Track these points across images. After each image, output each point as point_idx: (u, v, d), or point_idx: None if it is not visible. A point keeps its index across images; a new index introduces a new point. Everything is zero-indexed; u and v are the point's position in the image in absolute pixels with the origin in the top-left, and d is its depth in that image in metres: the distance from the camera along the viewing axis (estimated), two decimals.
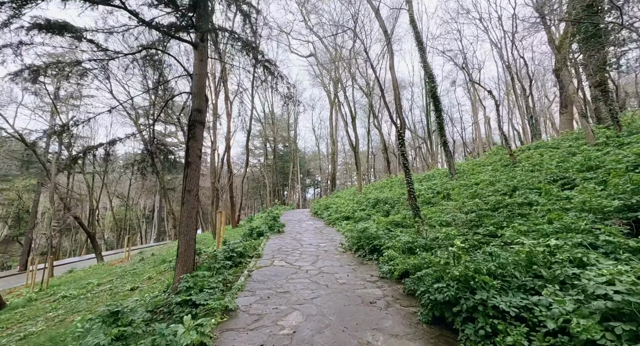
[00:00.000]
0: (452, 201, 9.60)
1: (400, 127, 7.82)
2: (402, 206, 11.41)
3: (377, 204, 13.11)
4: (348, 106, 19.25)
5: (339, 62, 21.47)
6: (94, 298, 8.47)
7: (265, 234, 10.72)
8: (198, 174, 6.07)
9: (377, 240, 7.26)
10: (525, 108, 27.60)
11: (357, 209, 13.41)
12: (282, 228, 12.02)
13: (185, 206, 5.84)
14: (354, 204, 14.87)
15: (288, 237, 10.50)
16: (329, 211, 15.38)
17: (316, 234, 10.94)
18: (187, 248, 5.66)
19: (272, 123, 35.25)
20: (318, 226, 13.40)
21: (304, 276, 5.68)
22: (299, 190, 49.10)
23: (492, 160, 13.84)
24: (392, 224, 9.43)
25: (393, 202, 12.41)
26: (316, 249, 8.35)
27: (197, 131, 6.08)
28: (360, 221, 11.80)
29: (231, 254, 6.85)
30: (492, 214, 6.80)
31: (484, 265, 3.46)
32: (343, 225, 12.05)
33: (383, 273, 5.62)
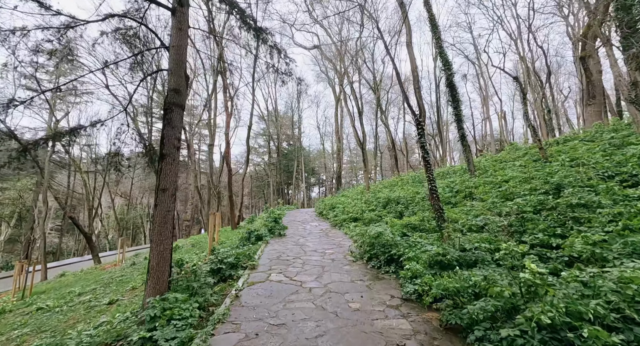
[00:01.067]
0: (477, 201, 8.31)
1: (419, 115, 6.55)
2: (418, 207, 10.14)
3: (388, 204, 11.85)
4: (355, 99, 17.97)
5: (344, 54, 20.17)
6: (69, 312, 7.37)
7: (264, 238, 9.53)
8: (176, 169, 4.89)
9: (395, 248, 6.02)
10: (541, 102, 26.01)
11: (366, 210, 12.16)
12: (284, 231, 10.83)
13: (158, 208, 4.67)
14: (362, 204, 13.62)
15: (290, 242, 9.30)
16: (335, 212, 14.16)
17: (321, 238, 9.73)
18: (161, 261, 4.49)
19: (275, 120, 34.06)
20: (323, 228, 12.19)
21: (306, 297, 4.46)
22: (304, 189, 47.94)
23: (515, 155, 12.47)
24: (408, 227, 8.19)
25: (406, 202, 11.14)
26: (321, 257, 7.13)
27: (175, 115, 4.89)
28: (371, 224, 10.57)
29: (219, 265, 5.66)
30: (536, 218, 5.52)
31: (583, 306, 2.20)
32: (351, 228, 10.82)
33: (407, 294, 4.39)
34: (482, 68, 30.85)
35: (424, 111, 9.24)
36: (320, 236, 10.18)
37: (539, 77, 22.73)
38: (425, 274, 4.52)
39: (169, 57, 5.00)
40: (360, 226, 10.76)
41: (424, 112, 9.26)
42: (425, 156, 6.91)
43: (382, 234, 6.62)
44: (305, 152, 51.68)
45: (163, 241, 4.56)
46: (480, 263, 4.50)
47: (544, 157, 9.72)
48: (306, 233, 11.12)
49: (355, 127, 16.52)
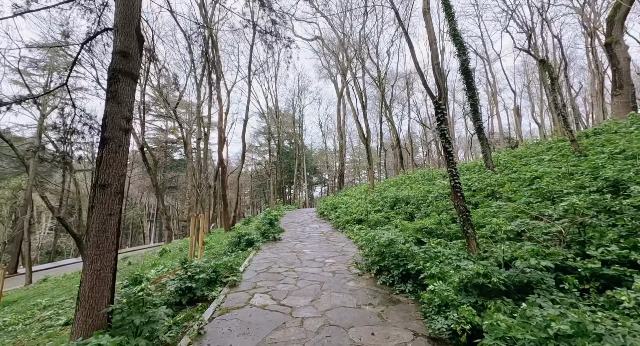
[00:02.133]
0: (504, 201, 7.00)
1: (439, 97, 5.29)
2: (432, 207, 8.83)
3: (396, 205, 10.56)
4: (358, 93, 16.67)
5: (347, 46, 18.85)
6: (20, 333, 6.18)
7: (256, 243, 8.28)
8: (123, 159, 3.63)
9: (412, 261, 4.75)
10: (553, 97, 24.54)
11: (372, 211, 10.88)
12: (280, 235, 9.56)
13: (95, 211, 3.42)
14: (367, 204, 12.33)
15: (285, 248, 8.04)
16: (337, 212, 12.88)
17: (321, 244, 8.45)
18: (97, 285, 3.24)
19: (276, 117, 32.80)
20: (324, 231, 10.92)
21: (296, 335, 3.20)
22: (305, 188, 46.70)
23: (538, 150, 11.12)
24: (422, 232, 6.91)
25: (417, 202, 9.83)
26: (320, 269, 5.86)
27: (122, 87, 3.64)
28: (377, 226, 9.29)
29: (188, 283, 4.40)
30: (598, 224, 4.23)
31: None
32: (355, 230, 9.55)
33: (436, 332, 3.11)
34: (490, 63, 29.42)
35: (445, 92, 7.94)
36: (320, 241, 8.91)
37: (551, 71, 21.23)
38: (461, 302, 3.24)
39: (115, 10, 3.74)
40: (365, 229, 9.49)
41: (445, 93, 7.95)
42: (447, 147, 5.61)
43: (394, 242, 5.34)
44: (307, 151, 50.45)
45: (101, 256, 3.31)
46: (537, 288, 3.22)
47: (577, 150, 8.38)
48: (304, 236, 9.85)
49: (359, 121, 15.22)
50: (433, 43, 8.39)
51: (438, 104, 5.73)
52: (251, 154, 52.02)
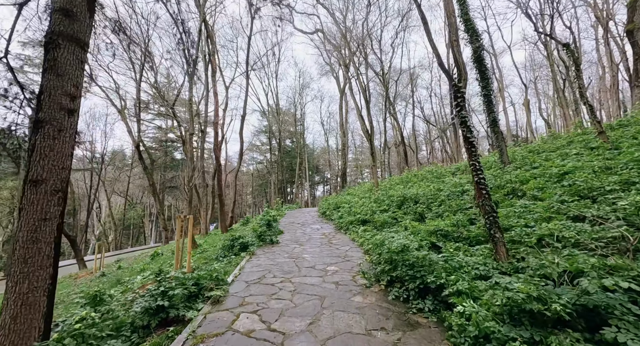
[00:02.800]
0: (528, 200, 6.13)
1: (459, 79, 4.50)
2: (444, 207, 7.97)
3: (404, 204, 9.71)
4: (361, 87, 15.78)
5: (350, 40, 17.98)
6: None
7: (250, 247, 7.46)
8: (65, 148, 2.82)
9: (431, 271, 3.91)
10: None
11: (377, 210, 10.04)
12: (278, 237, 8.75)
13: (24, 214, 2.61)
14: (372, 203, 11.48)
15: (282, 252, 7.21)
16: (340, 212, 12.05)
17: (323, 248, 7.62)
18: (24, 313, 2.43)
19: (277, 114, 31.98)
20: (326, 233, 10.09)
21: None
22: (307, 187, 45.90)
23: (557, 144, 10.22)
24: (437, 235, 6.08)
25: (427, 201, 8.98)
26: (321, 278, 5.03)
27: (63, 55, 2.83)
28: (384, 227, 8.45)
29: (161, 301, 3.58)
30: None
31: None
32: (360, 232, 8.71)
33: None
34: (497, 58, 28.42)
35: (465, 73, 7.02)
36: (321, 244, 8.08)
37: (564, 63, 20.26)
38: (509, 336, 2.39)
39: None
40: (370, 231, 8.66)
41: (465, 74, 7.04)
42: (469, 136, 4.76)
43: (407, 248, 4.50)
44: (309, 150, 49.63)
45: (30, 274, 2.50)
46: (612, 316, 2.36)
47: (607, 142, 7.48)
48: (305, 239, 9.02)
49: (362, 116, 14.36)
50: (451, 16, 7.41)
51: (457, 87, 4.88)
52: (252, 153, 51.33)
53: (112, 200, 43.24)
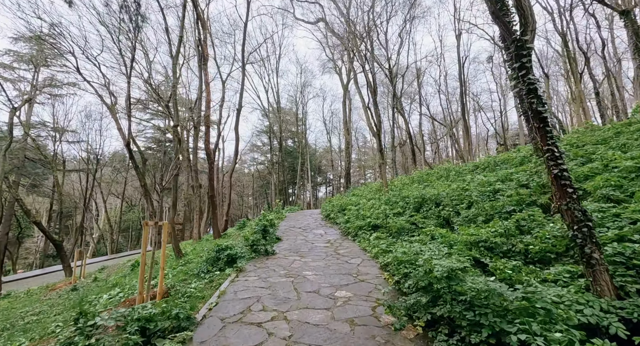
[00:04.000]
0: (603, 201, 4.63)
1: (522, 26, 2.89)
2: (476, 210, 6.46)
3: (422, 206, 8.21)
4: (366, 77, 14.19)
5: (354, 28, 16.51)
6: None
7: (239, 261, 5.98)
8: None
9: (502, 313, 2.43)
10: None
11: (390, 214, 8.54)
12: (274, 246, 7.27)
13: None
14: (383, 205, 10.01)
15: (278, 268, 5.73)
16: (347, 216, 10.57)
17: (329, 261, 6.14)
18: None
19: (277, 111, 30.57)
20: (331, 240, 8.62)
21: None
22: (310, 189, 44.45)
23: (600, 135, 8.68)
24: (478, 247, 4.59)
25: (451, 202, 7.48)
26: (329, 314, 3.55)
27: None
28: (402, 235, 6.98)
29: None
30: None
31: None
32: (371, 240, 7.24)
33: None
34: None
35: (532, 21, 5.51)
36: (326, 255, 6.59)
37: (585, 54, 18.69)
38: None
39: None
40: (384, 238, 7.19)
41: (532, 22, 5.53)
42: (541, 110, 3.32)
43: (456, 274, 3.02)
44: (311, 150, 48.19)
45: None
46: None
47: None
48: (306, 248, 7.54)
49: (370, 108, 12.84)
50: None
51: (520, 42, 3.41)
52: (254, 153, 50.00)
53: (111, 202, 42.04)
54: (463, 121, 20.42)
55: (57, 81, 23.62)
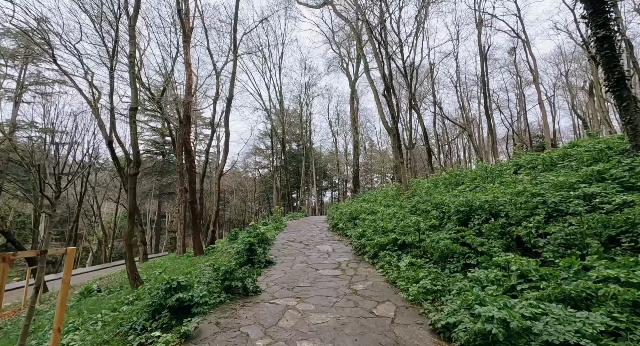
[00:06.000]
0: None
1: None
2: (577, 228, 4.00)
3: (471, 218, 5.74)
4: (379, 65, 11.79)
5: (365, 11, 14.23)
6: None
7: (196, 310, 3.58)
8: None
9: None
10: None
11: (423, 228, 6.08)
12: (257, 279, 4.85)
13: None
14: (408, 213, 7.58)
15: (257, 327, 3.33)
16: (361, 227, 8.15)
17: (342, 311, 3.71)
18: None
19: (280, 111, 28.39)
20: (342, 263, 6.21)
21: None
22: (315, 193, 42.05)
23: None
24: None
25: (517, 213, 5.01)
26: None
27: None
28: (452, 260, 4.57)
29: None
30: None
31: None
32: (403, 268, 4.85)
33: None
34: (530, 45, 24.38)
35: None
36: (337, 297, 4.18)
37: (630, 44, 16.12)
38: None
39: None
40: (423, 266, 4.78)
41: None
42: None
43: None
44: (317, 153, 45.90)
45: None
46: None
47: None
48: (307, 279, 5.14)
49: (386, 96, 10.39)
50: None
51: None
52: (257, 157, 47.89)
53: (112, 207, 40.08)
54: (486, 116, 17.91)
55: (44, 77, 21.87)
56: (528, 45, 24.03)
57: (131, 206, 6.16)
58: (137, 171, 6.28)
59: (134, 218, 6.29)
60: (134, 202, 6.19)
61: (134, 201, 6.18)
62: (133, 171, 6.24)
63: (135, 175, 6.26)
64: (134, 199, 6.19)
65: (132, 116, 6.05)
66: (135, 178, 6.32)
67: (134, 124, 6.10)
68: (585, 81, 24.62)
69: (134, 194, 6.20)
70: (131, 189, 6.20)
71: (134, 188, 6.23)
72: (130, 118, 6.06)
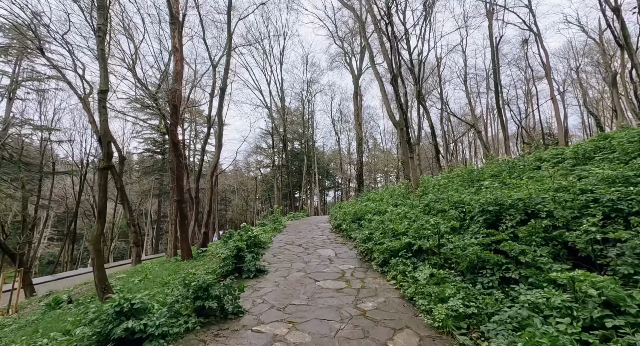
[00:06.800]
0: None
1: None
2: None
3: (502, 219, 4.73)
4: (385, 55, 10.80)
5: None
6: None
7: (155, 344, 2.63)
8: None
9: None
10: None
11: (444, 230, 5.07)
12: (239, 297, 3.87)
13: None
14: (421, 214, 6.61)
15: None
16: (367, 228, 7.18)
17: (346, 340, 2.73)
18: None
19: (282, 108, 27.46)
20: (346, 271, 5.25)
21: None
22: (317, 193, 41.09)
23: None
24: None
25: (564, 213, 4.01)
26: None
27: None
28: (484, 274, 3.57)
29: None
30: None
31: None
32: (422, 281, 3.86)
33: None
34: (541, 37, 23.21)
35: None
36: (341, 321, 3.21)
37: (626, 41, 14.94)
38: None
39: None
40: (447, 279, 3.80)
41: None
42: None
43: None
44: (319, 153, 44.92)
45: None
46: None
47: None
48: (304, 293, 4.18)
49: (394, 84, 9.37)
50: None
51: None
52: (259, 156, 47.02)
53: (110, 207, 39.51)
54: (498, 111, 16.84)
55: (37, 73, 21.12)
56: (540, 37, 22.85)
57: (100, 204, 5.25)
58: (108, 165, 5.37)
59: (104, 218, 5.38)
60: (104, 200, 5.29)
61: (104, 199, 5.28)
62: (103, 165, 5.33)
63: (105, 169, 5.35)
64: (104, 196, 5.28)
65: (101, 100, 5.15)
66: (106, 173, 5.41)
67: (104, 108, 5.21)
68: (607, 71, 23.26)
69: (104, 190, 5.29)
70: (101, 185, 5.29)
71: (105, 184, 5.32)
72: (99, 102, 5.17)
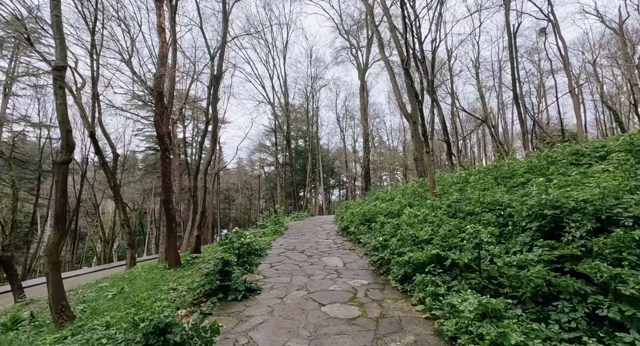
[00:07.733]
0: None
1: None
2: None
3: (563, 225, 3.61)
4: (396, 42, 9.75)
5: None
6: None
7: None
8: None
9: None
10: None
11: (486, 239, 3.95)
12: (215, 340, 2.82)
13: None
14: (446, 217, 5.49)
15: None
16: (380, 233, 6.10)
17: None
18: None
19: (285, 104, 26.40)
20: (357, 286, 4.17)
21: None
22: (322, 192, 40.03)
23: None
24: None
25: None
26: None
27: None
28: (548, 303, 2.42)
29: None
30: None
31: None
32: (467, 314, 2.72)
33: None
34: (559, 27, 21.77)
35: None
36: None
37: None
38: None
39: None
40: (522, 321, 2.69)
41: None
42: None
43: None
44: (324, 151, 43.82)
45: None
46: None
47: None
48: (306, 323, 3.12)
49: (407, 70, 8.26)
50: None
51: None
52: (262, 154, 46.08)
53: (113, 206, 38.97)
54: (515, 102, 15.57)
55: (34, 67, 20.38)
56: (557, 27, 21.40)
57: (58, 206, 4.25)
58: (67, 158, 4.36)
59: (63, 225, 4.37)
60: (63, 201, 4.29)
61: (62, 199, 4.28)
62: (62, 158, 4.32)
63: (64, 163, 4.34)
64: (62, 196, 4.28)
65: (57, 79, 4.14)
66: (66, 168, 4.40)
67: (60, 89, 4.19)
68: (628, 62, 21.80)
69: (63, 190, 4.29)
70: (59, 183, 4.28)
71: (64, 182, 4.32)
72: (55, 81, 4.16)
